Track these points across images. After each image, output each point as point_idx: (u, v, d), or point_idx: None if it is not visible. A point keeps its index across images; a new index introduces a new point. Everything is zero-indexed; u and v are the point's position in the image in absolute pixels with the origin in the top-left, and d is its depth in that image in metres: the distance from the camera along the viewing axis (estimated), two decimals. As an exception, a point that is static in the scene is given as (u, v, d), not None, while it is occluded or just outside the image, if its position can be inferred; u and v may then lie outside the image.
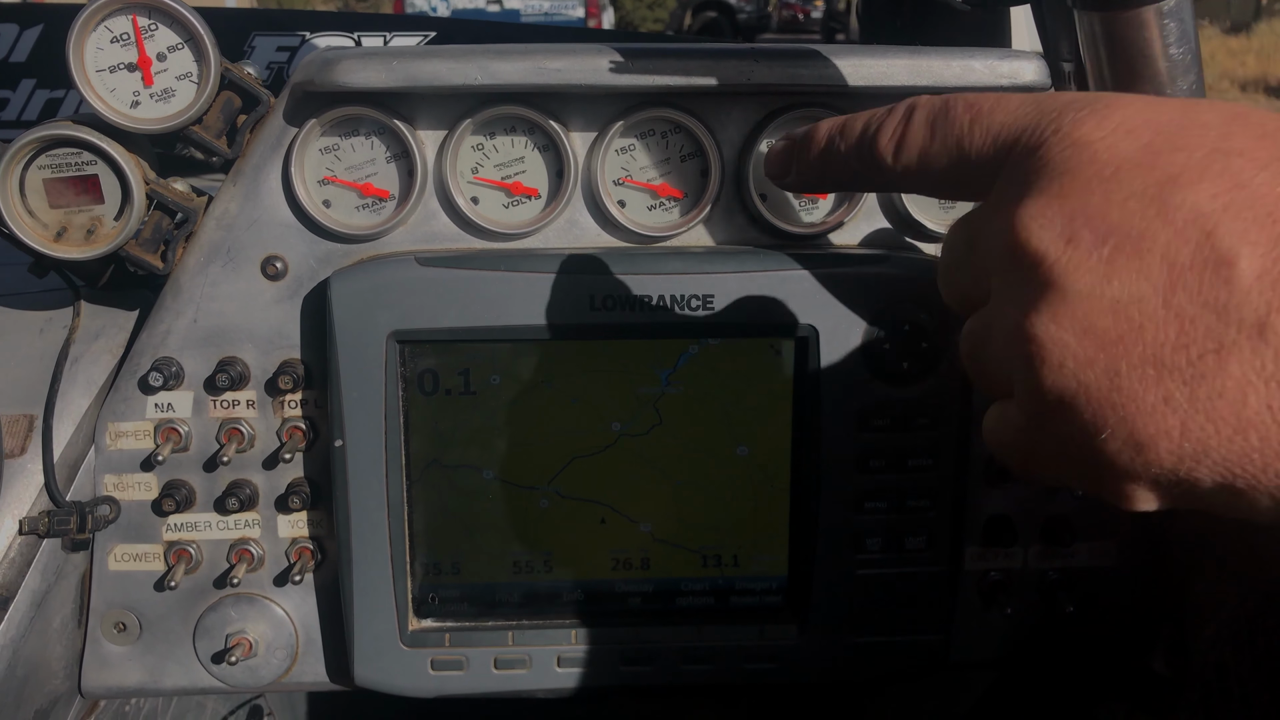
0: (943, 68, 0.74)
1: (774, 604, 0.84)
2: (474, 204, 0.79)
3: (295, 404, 0.80)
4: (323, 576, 0.83)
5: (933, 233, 0.80)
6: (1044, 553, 0.84)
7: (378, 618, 0.81)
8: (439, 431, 0.79)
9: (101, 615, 0.83)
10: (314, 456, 0.81)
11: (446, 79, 0.73)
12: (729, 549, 0.83)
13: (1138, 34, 0.58)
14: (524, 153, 0.78)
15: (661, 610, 0.84)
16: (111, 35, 0.74)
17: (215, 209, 0.79)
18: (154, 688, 0.84)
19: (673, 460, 0.81)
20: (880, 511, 0.80)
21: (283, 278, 0.79)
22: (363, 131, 0.77)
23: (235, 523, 0.82)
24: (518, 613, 0.83)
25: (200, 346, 0.80)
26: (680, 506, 0.82)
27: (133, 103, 0.76)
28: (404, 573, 0.81)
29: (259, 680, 0.84)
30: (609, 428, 0.80)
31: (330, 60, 0.73)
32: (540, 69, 0.73)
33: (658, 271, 0.76)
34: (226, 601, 0.83)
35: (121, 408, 0.80)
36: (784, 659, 0.83)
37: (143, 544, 0.82)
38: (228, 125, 0.79)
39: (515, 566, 0.83)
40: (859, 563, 0.81)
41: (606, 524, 0.82)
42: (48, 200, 0.77)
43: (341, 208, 0.78)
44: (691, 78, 0.73)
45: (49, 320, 0.84)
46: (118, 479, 0.81)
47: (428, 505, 0.80)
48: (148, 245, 0.79)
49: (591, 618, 0.83)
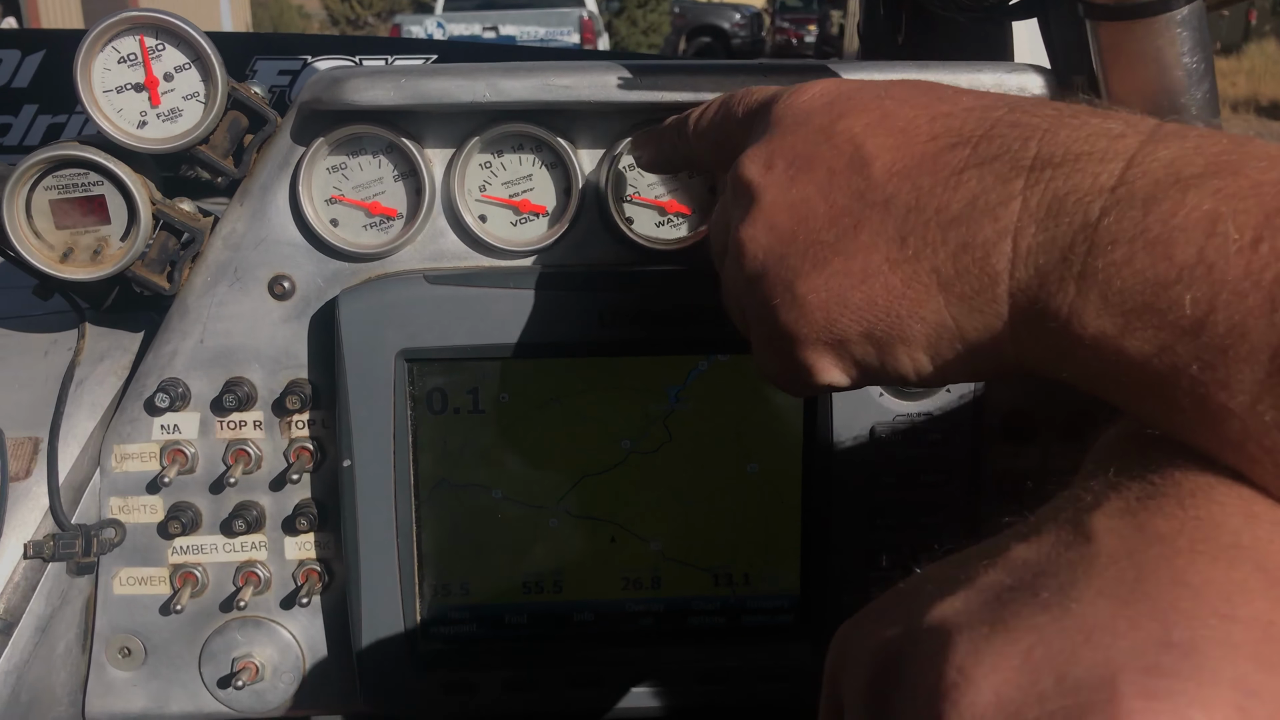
0: (950, 81, 0.74)
1: (786, 623, 0.83)
2: (482, 222, 0.79)
3: (303, 424, 0.80)
4: (330, 599, 0.83)
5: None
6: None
7: (386, 640, 0.80)
8: (448, 450, 0.79)
9: (106, 640, 0.82)
10: (321, 477, 0.81)
11: (455, 96, 0.73)
12: (740, 567, 0.82)
13: (1151, 44, 0.58)
14: (532, 170, 0.78)
15: (673, 630, 0.83)
16: (119, 55, 0.74)
17: (222, 229, 0.78)
18: (158, 714, 0.83)
19: (683, 478, 0.80)
20: (892, 528, 0.80)
21: (290, 297, 0.79)
22: (370, 150, 0.77)
23: (242, 545, 0.81)
24: (528, 634, 0.83)
25: (207, 367, 0.79)
26: (691, 524, 0.81)
27: (140, 123, 0.76)
28: (413, 594, 0.80)
29: (265, 705, 0.83)
30: (618, 445, 0.79)
31: (338, 79, 0.73)
32: (548, 86, 0.73)
33: (667, 287, 0.76)
34: (233, 625, 0.82)
35: (127, 429, 0.80)
36: (798, 679, 0.82)
37: (148, 567, 0.81)
38: (234, 145, 0.79)
39: (525, 587, 0.82)
40: (872, 580, 0.80)
41: (616, 543, 0.81)
42: (54, 221, 0.76)
43: (349, 226, 0.78)
44: (700, 93, 0.73)
45: (54, 343, 0.84)
46: (123, 501, 0.80)
47: (437, 525, 0.80)
48: (154, 266, 0.79)
49: (602, 638, 0.82)
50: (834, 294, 0.46)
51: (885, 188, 0.45)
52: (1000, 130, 0.43)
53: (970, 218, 0.42)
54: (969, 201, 0.43)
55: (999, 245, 0.41)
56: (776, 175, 0.50)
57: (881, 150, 0.46)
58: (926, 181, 0.44)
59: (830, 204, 0.47)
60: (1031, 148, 0.42)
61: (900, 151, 0.46)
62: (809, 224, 0.48)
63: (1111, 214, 0.38)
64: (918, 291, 0.44)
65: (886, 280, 0.45)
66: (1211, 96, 0.60)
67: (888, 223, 0.45)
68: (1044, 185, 0.40)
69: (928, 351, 0.45)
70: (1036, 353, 0.42)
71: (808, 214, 0.48)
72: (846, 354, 0.48)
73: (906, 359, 0.46)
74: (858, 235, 0.46)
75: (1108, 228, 0.38)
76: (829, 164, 0.48)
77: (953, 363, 0.46)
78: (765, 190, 0.50)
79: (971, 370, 0.46)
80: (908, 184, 0.45)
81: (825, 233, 0.47)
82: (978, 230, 0.42)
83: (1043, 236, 0.40)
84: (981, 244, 0.42)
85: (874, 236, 0.45)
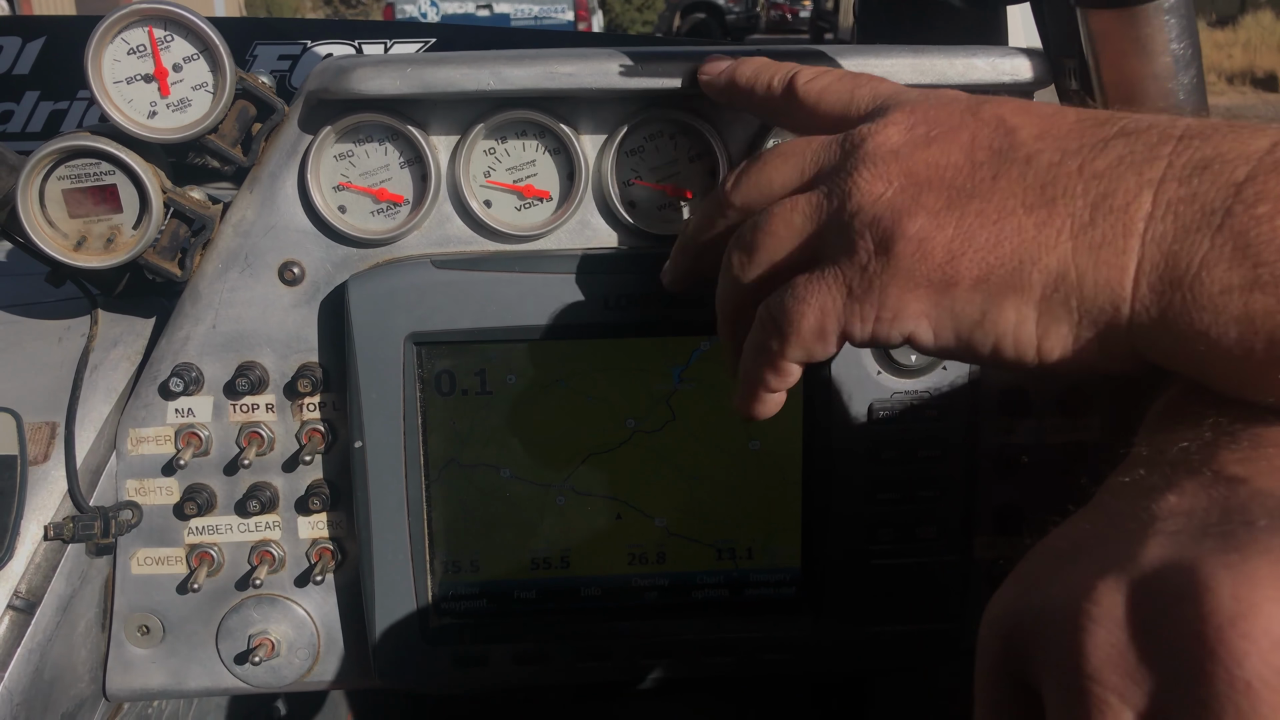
0: (946, 66, 0.75)
1: (788, 595, 0.86)
2: (487, 207, 0.80)
3: (314, 407, 0.82)
4: (343, 577, 0.85)
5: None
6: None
7: (399, 616, 0.82)
8: (456, 431, 0.80)
9: (125, 618, 0.84)
10: (333, 458, 0.83)
11: (460, 85, 0.75)
12: (743, 542, 0.84)
13: (1139, 31, 0.60)
14: (535, 156, 0.80)
15: (677, 604, 0.85)
16: (128, 47, 0.76)
17: (232, 216, 0.80)
18: (177, 689, 0.85)
19: (686, 455, 0.82)
20: (891, 502, 0.82)
21: (300, 283, 0.80)
22: (376, 138, 0.79)
23: (256, 525, 0.83)
24: (537, 608, 0.85)
25: (219, 352, 0.81)
26: (694, 501, 0.83)
27: (150, 113, 0.77)
28: (424, 571, 0.82)
29: (281, 680, 0.85)
30: (623, 424, 0.81)
31: (345, 68, 0.74)
32: (552, 74, 0.74)
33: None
34: (248, 603, 0.84)
35: (142, 414, 0.81)
36: (799, 650, 0.85)
37: (165, 548, 0.83)
38: (243, 134, 0.80)
39: (533, 563, 0.84)
40: (871, 553, 0.83)
41: (622, 519, 0.83)
42: (67, 210, 0.78)
43: (357, 213, 0.80)
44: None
45: (67, 329, 0.86)
46: (139, 484, 0.82)
47: (446, 504, 0.82)
48: (165, 253, 0.80)
49: (609, 612, 0.85)
50: (961, 231, 0.46)
51: (1029, 146, 0.47)
52: (1147, 118, 0.45)
53: (1115, 173, 0.43)
54: (1115, 161, 0.44)
55: (1140, 197, 0.42)
56: (917, 135, 0.50)
57: (1028, 123, 0.48)
58: (1073, 144, 0.45)
59: (971, 159, 0.48)
60: (1180, 125, 0.43)
61: (1047, 124, 0.47)
62: (946, 174, 0.48)
63: (1260, 177, 0.40)
64: (1048, 236, 0.44)
65: (1019, 222, 0.45)
66: (1198, 82, 0.62)
67: (1029, 173, 0.46)
68: (1192, 150, 0.42)
69: (1038, 308, 0.45)
70: (1150, 316, 0.42)
71: (946, 165, 0.48)
72: (946, 304, 0.47)
73: (1012, 313, 0.46)
74: (996, 182, 0.47)
75: (1254, 187, 0.40)
76: (973, 131, 0.49)
77: (1055, 330, 0.45)
78: (904, 145, 0.50)
79: (1073, 343, 0.46)
80: (1053, 144, 0.46)
81: (964, 181, 0.48)
82: (1120, 183, 0.43)
83: (1185, 191, 0.41)
84: (1123, 194, 0.43)
85: (1013, 184, 0.46)
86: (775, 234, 0.54)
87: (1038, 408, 0.83)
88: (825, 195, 0.52)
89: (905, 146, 0.50)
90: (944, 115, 0.51)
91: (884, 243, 0.48)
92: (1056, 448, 0.83)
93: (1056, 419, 0.83)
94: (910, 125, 0.51)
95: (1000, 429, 0.83)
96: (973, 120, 0.50)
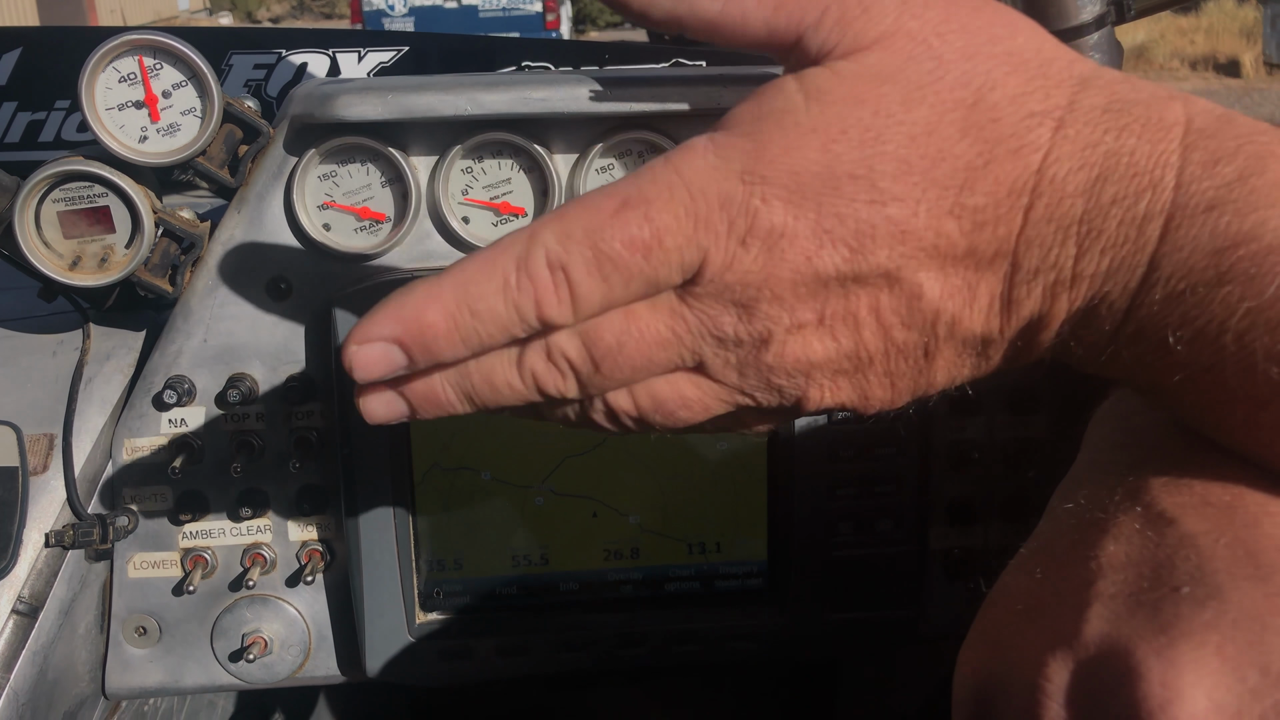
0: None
1: (756, 587, 0.91)
2: (465, 223, 0.84)
3: (302, 415, 0.85)
4: (332, 577, 0.89)
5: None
6: (1003, 529, 0.91)
7: (386, 613, 0.86)
8: (439, 436, 0.85)
9: (123, 620, 0.88)
10: (321, 464, 0.87)
11: (438, 110, 0.78)
12: (713, 536, 0.89)
13: None
14: (510, 174, 0.84)
15: (651, 596, 0.90)
16: (119, 75, 0.79)
17: (221, 235, 0.83)
18: (175, 687, 0.89)
19: (658, 456, 0.87)
20: (851, 498, 0.87)
21: (287, 298, 0.84)
22: (359, 159, 0.82)
23: (248, 529, 0.87)
24: (518, 603, 0.89)
25: (211, 364, 0.84)
26: (666, 498, 0.88)
27: (141, 137, 0.80)
28: (410, 570, 0.86)
29: (274, 676, 0.89)
30: (598, 428, 0.85)
31: (329, 94, 0.78)
32: (525, 99, 0.79)
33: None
34: (242, 603, 0.88)
35: (137, 424, 0.85)
36: (766, 638, 0.90)
37: (161, 552, 0.87)
38: (230, 156, 0.84)
39: (514, 560, 0.88)
40: (833, 545, 0.88)
41: (598, 517, 0.88)
42: (62, 231, 0.81)
43: (341, 230, 0.84)
44: (665, 103, 0.78)
45: (60, 343, 0.89)
46: (135, 491, 0.86)
47: (430, 506, 0.86)
48: (157, 270, 0.84)
49: (586, 605, 0.89)
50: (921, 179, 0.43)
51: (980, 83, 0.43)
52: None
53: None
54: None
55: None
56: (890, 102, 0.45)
57: (1004, 77, 0.43)
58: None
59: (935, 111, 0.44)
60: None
61: (1029, 86, 0.43)
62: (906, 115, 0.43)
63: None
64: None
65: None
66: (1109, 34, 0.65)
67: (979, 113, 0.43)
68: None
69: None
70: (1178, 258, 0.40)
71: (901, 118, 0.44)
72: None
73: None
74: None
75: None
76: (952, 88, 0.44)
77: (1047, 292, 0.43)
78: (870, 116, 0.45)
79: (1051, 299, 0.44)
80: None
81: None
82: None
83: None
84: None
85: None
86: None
87: (987, 406, 0.88)
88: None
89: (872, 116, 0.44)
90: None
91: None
92: (1005, 444, 0.89)
93: (1005, 416, 0.89)
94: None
95: (952, 427, 0.88)
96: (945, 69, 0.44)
